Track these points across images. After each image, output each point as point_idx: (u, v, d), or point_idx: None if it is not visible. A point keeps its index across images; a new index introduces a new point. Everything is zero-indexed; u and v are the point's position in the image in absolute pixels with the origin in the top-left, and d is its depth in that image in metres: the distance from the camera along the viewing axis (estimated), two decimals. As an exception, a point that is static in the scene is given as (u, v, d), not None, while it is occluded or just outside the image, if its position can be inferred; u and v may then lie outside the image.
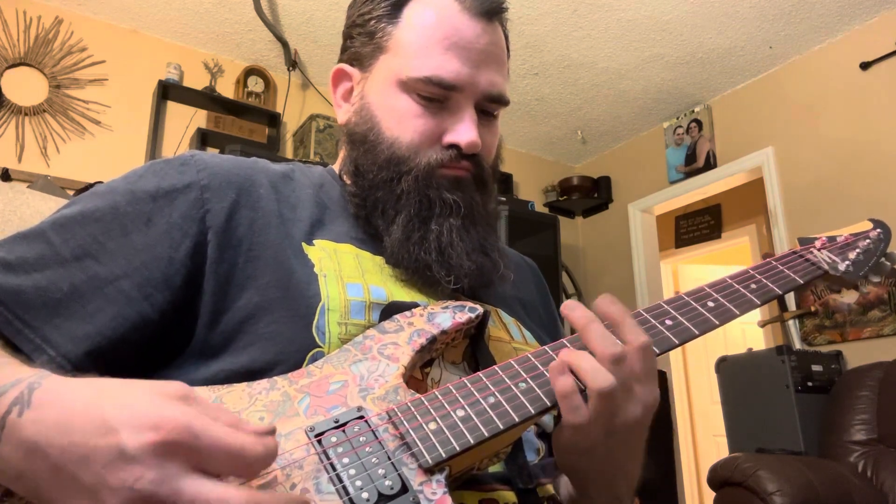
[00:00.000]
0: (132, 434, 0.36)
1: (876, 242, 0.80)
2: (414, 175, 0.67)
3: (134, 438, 0.36)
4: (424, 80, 0.67)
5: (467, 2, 0.69)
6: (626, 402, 0.51)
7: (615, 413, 0.51)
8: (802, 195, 3.15)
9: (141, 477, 0.35)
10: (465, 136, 0.68)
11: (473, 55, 0.68)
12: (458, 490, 0.56)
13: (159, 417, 0.37)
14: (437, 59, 0.67)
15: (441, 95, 0.68)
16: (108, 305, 0.55)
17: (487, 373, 0.55)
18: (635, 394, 0.52)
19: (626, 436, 0.53)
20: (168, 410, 0.38)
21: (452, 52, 0.67)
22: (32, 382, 0.42)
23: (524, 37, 3.11)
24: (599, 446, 0.53)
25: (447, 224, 0.67)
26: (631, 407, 0.52)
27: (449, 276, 0.66)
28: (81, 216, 0.59)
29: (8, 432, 0.39)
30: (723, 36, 3.11)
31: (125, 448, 0.36)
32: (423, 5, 0.69)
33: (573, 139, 4.14)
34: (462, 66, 0.67)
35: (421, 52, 0.68)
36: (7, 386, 0.41)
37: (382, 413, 0.51)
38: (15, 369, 0.45)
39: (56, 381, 0.42)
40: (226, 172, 0.65)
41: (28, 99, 2.80)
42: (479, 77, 0.69)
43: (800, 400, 2.50)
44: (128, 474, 0.36)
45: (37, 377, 0.42)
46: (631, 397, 0.52)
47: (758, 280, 0.68)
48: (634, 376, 0.52)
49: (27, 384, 0.41)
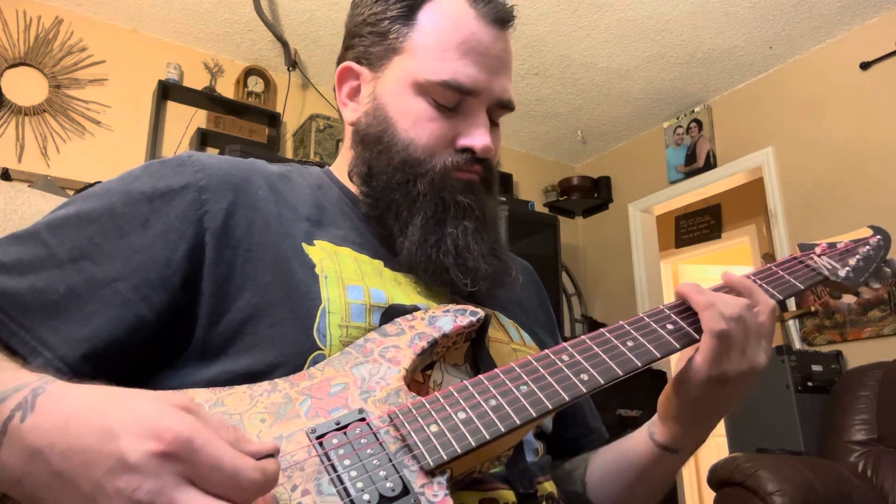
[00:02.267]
0: (134, 442, 0.36)
1: (876, 249, 0.80)
2: (429, 178, 0.68)
3: (135, 447, 0.36)
4: (442, 84, 0.67)
5: (483, 9, 0.69)
6: (758, 346, 0.61)
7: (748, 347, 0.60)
8: (802, 195, 3.15)
9: (139, 487, 0.35)
10: (479, 141, 0.69)
11: (489, 61, 0.69)
12: (459, 490, 0.56)
13: (162, 427, 0.37)
14: (454, 63, 0.68)
15: (457, 100, 0.68)
16: (105, 308, 0.54)
17: (489, 376, 0.55)
18: (749, 346, 0.60)
19: (750, 380, 0.61)
20: (171, 421, 0.37)
21: (469, 58, 0.68)
22: (36, 388, 0.41)
23: (524, 37, 3.11)
24: (731, 380, 0.60)
25: (462, 227, 0.68)
26: (760, 353, 0.61)
27: (466, 278, 0.66)
28: (77, 217, 0.58)
29: (9, 437, 0.39)
30: (723, 36, 3.11)
31: (126, 456, 0.36)
32: (440, 10, 0.70)
33: (573, 139, 4.14)
34: (479, 72, 0.68)
35: (438, 55, 0.68)
36: (9, 391, 0.41)
37: (384, 415, 0.51)
38: (16, 374, 0.44)
39: (60, 386, 0.42)
40: (223, 173, 0.64)
41: (28, 99, 2.80)
42: (494, 83, 0.70)
43: (800, 400, 2.51)
44: (126, 483, 0.35)
45: (41, 382, 0.42)
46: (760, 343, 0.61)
47: (759, 286, 0.69)
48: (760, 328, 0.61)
49: (31, 389, 0.41)
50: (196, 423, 0.38)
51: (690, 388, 0.62)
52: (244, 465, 0.37)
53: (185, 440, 0.36)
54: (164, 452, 0.36)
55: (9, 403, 0.40)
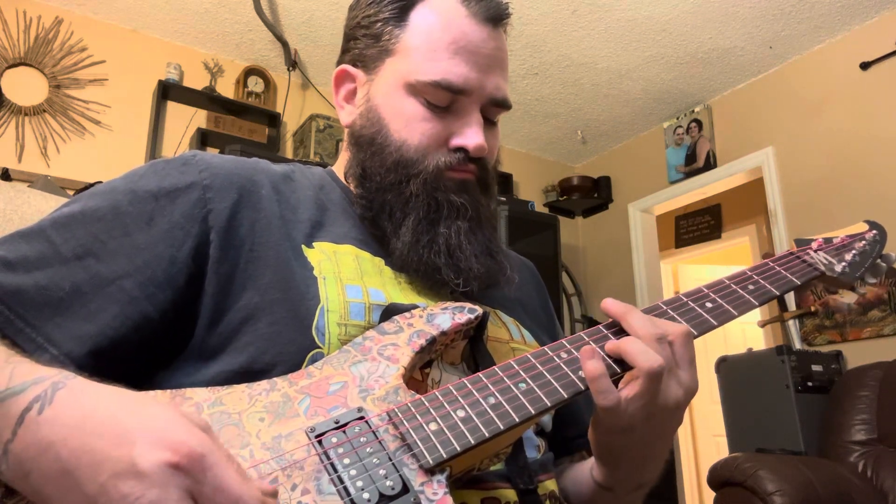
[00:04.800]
0: (147, 450, 0.36)
1: (872, 244, 0.80)
2: (422, 178, 0.68)
3: (148, 454, 0.36)
4: (433, 84, 0.67)
5: (474, 7, 0.69)
6: (670, 385, 0.55)
7: (658, 395, 0.54)
8: (802, 195, 3.15)
9: (143, 495, 0.35)
10: (472, 140, 0.68)
11: (481, 60, 0.69)
12: (461, 489, 0.56)
13: (178, 440, 0.37)
14: (445, 63, 0.67)
15: (449, 99, 0.68)
16: (110, 304, 0.55)
17: (487, 373, 0.55)
18: (679, 377, 0.55)
19: (666, 418, 0.56)
20: (188, 436, 0.37)
21: (460, 57, 0.68)
22: (57, 382, 0.42)
23: (524, 37, 3.11)
24: (638, 428, 0.55)
25: (455, 226, 0.68)
26: (674, 390, 0.55)
27: (458, 278, 0.66)
28: (82, 215, 0.58)
29: (25, 428, 0.39)
30: (723, 36, 3.11)
31: (137, 462, 0.36)
32: (431, 10, 0.70)
33: (573, 139, 4.14)
34: (470, 71, 0.68)
35: (429, 55, 0.68)
36: (28, 383, 0.41)
37: (383, 414, 0.51)
38: (34, 367, 0.44)
39: (82, 383, 0.42)
40: (227, 173, 0.65)
41: (28, 99, 2.80)
42: (486, 81, 0.69)
43: (800, 400, 2.50)
44: (130, 489, 0.35)
45: (62, 377, 0.42)
46: (674, 380, 0.55)
47: (755, 281, 0.68)
48: (677, 359, 0.56)
49: (52, 383, 0.41)
50: (211, 444, 0.38)
51: (598, 437, 0.60)
52: (248, 493, 0.38)
53: (199, 456, 0.37)
54: (176, 464, 0.36)
55: (28, 394, 0.41)
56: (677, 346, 0.56)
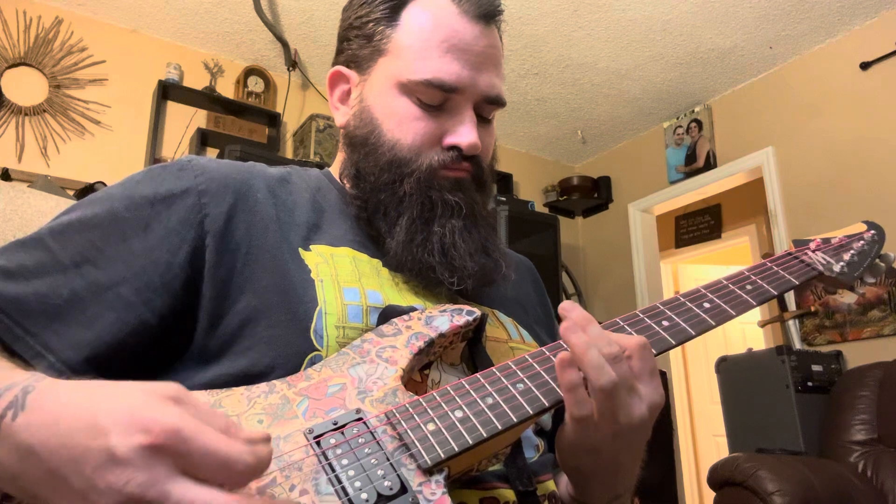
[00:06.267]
0: (122, 436, 0.36)
1: (870, 244, 0.80)
2: (416, 177, 0.68)
3: (124, 441, 0.36)
4: (425, 83, 0.67)
5: (465, 5, 0.69)
6: (631, 401, 0.51)
7: (619, 412, 0.50)
8: (802, 195, 3.15)
9: (130, 480, 0.35)
10: (465, 138, 0.68)
11: (472, 57, 0.68)
12: (459, 489, 0.56)
13: (150, 420, 0.37)
14: (436, 61, 0.67)
15: (441, 98, 0.68)
16: (107, 311, 0.55)
17: (485, 374, 0.55)
18: (639, 392, 0.52)
19: (632, 436, 0.53)
20: (159, 412, 0.37)
21: (452, 55, 0.68)
22: (26, 386, 0.42)
23: (524, 37, 3.11)
24: (604, 446, 0.53)
25: (449, 225, 0.67)
26: (636, 406, 0.51)
27: (452, 277, 0.66)
28: (80, 223, 0.59)
29: (2, 436, 0.39)
30: (723, 36, 3.11)
31: (114, 450, 0.36)
32: (422, 8, 0.70)
33: (573, 139, 4.14)
34: (462, 69, 0.68)
35: (420, 54, 0.68)
36: (1, 390, 0.41)
37: (381, 415, 0.51)
38: (10, 374, 0.44)
39: (50, 383, 0.42)
40: (223, 177, 0.65)
41: (28, 99, 2.80)
42: (479, 79, 0.69)
43: (800, 400, 2.50)
44: (116, 477, 0.35)
45: (31, 380, 0.42)
46: (635, 396, 0.51)
47: (753, 281, 0.68)
48: (635, 374, 0.52)
49: (21, 388, 0.41)
50: (183, 414, 0.38)
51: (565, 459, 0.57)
52: (236, 449, 0.37)
53: (173, 431, 0.36)
54: (152, 445, 0.36)
55: (0, 403, 0.41)
56: (633, 359, 0.52)
